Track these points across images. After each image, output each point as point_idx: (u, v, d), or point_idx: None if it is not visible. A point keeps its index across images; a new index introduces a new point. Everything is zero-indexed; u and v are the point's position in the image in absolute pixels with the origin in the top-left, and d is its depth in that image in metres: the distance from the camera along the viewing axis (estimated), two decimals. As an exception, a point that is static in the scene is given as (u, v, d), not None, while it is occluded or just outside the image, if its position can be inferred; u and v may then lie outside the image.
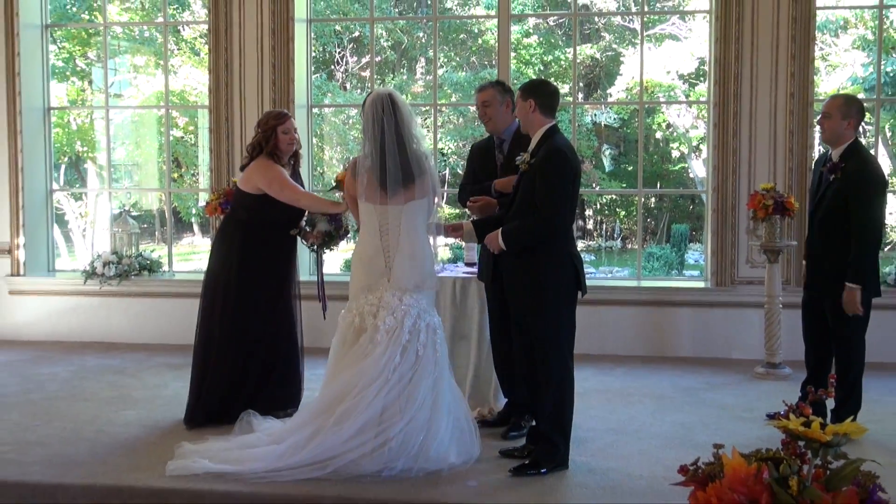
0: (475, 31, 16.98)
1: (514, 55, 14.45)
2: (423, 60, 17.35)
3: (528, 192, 3.99)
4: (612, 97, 16.54)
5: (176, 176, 15.85)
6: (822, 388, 2.83)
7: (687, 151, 16.88)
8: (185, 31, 15.15)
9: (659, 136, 17.26)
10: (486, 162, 4.87)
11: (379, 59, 16.48)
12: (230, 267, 4.78)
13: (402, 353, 4.01)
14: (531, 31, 16.63)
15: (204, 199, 7.19)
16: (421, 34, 16.63)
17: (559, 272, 3.99)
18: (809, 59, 6.49)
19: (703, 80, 14.76)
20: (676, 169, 17.53)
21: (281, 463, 3.87)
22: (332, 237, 5.04)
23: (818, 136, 5.10)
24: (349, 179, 4.23)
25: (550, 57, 16.51)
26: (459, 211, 12.53)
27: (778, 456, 2.38)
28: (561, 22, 16.55)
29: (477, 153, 5.01)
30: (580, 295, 4.10)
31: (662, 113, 16.46)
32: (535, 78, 10.58)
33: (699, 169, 16.22)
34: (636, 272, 8.23)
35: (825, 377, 4.55)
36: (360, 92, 16.66)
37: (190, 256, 15.98)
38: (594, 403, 5.23)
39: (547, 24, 16.86)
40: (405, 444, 3.88)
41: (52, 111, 7.71)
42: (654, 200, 18.37)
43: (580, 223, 18.48)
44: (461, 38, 17.22)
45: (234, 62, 7.00)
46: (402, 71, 17.57)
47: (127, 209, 9.86)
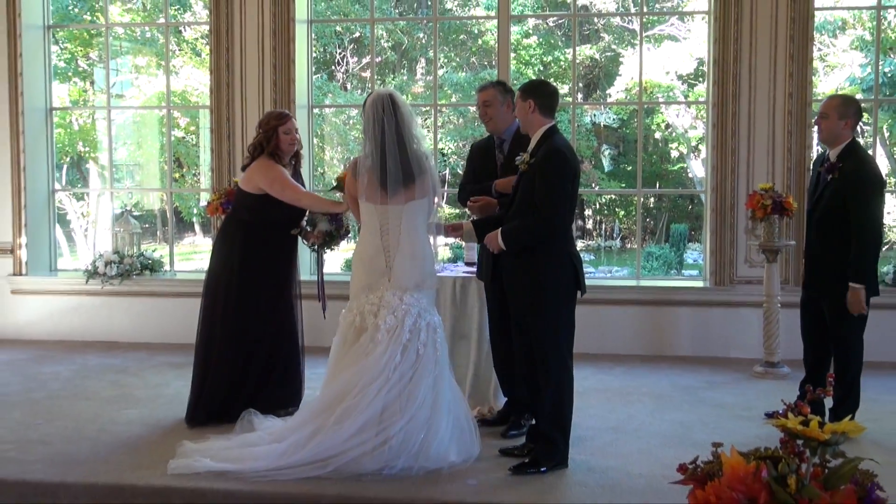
0: (475, 31, 16.99)
1: (513, 56, 14.47)
2: (423, 61, 17.35)
3: (527, 192, 3.99)
4: (611, 97, 16.55)
5: (177, 176, 15.86)
6: (820, 387, 2.83)
7: (686, 151, 16.89)
8: (186, 31, 15.15)
9: (658, 136, 17.26)
10: (486, 162, 4.85)
11: (379, 59, 16.48)
12: (231, 266, 4.78)
13: (402, 352, 4.00)
14: (531, 31, 16.63)
15: (205, 199, 7.21)
16: (421, 35, 16.63)
17: (558, 272, 4.00)
18: (808, 59, 6.51)
19: (701, 80, 14.76)
20: (675, 169, 17.53)
21: (282, 461, 3.87)
22: (332, 237, 5.04)
23: (816, 136, 5.11)
24: (350, 179, 4.23)
25: (550, 57, 16.51)
26: (459, 211, 12.53)
27: (776, 455, 2.38)
28: (560, 23, 16.55)
29: (477, 153, 4.98)
30: (579, 294, 4.10)
31: (661, 113, 16.46)
32: (534, 78, 10.59)
33: (698, 169, 16.23)
34: (635, 272, 8.23)
35: (823, 376, 4.55)
36: (360, 92, 16.66)
37: (191, 256, 15.96)
38: (593, 402, 5.23)
39: (546, 24, 16.86)
40: (406, 442, 3.88)
41: (54, 111, 7.71)
42: (653, 200, 18.37)
43: (579, 223, 18.48)
44: (461, 38, 17.22)
45: (235, 63, 7.00)
46: (402, 71, 17.57)
47: (128, 209, 9.85)
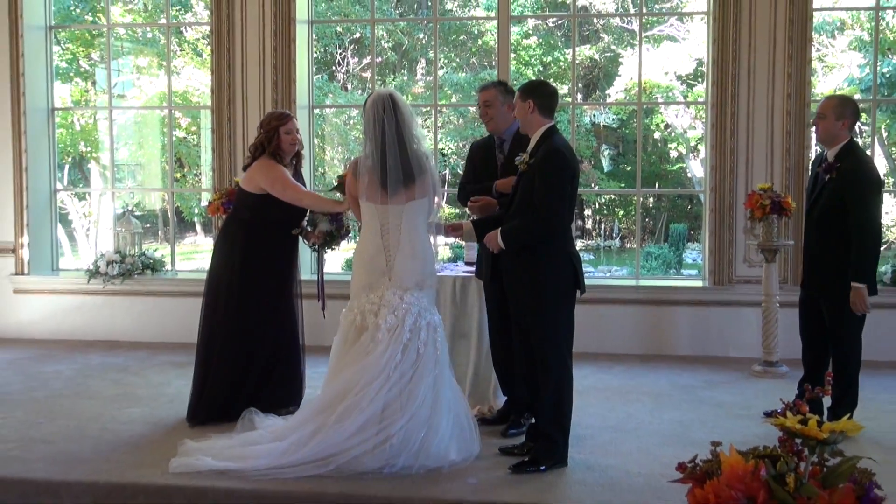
0: (475, 32, 17.01)
1: (513, 56, 14.49)
2: (423, 61, 17.36)
3: (527, 191, 3.99)
4: (610, 98, 16.58)
5: (178, 176, 15.88)
6: (818, 386, 2.84)
7: (685, 152, 16.91)
8: (187, 32, 15.17)
9: (657, 136, 17.28)
10: (486, 161, 4.84)
11: (380, 60, 16.50)
12: (232, 266, 4.78)
13: (403, 351, 4.01)
14: (531, 32, 16.65)
15: (206, 198, 7.22)
16: (421, 35, 16.65)
17: (558, 271, 4.00)
18: (806, 60, 6.52)
19: (700, 80, 14.79)
20: (674, 169, 17.55)
21: (283, 460, 3.87)
22: (333, 237, 5.04)
23: (815, 136, 5.12)
24: (350, 179, 4.23)
25: (550, 58, 16.53)
26: (459, 210, 12.56)
27: (775, 453, 2.39)
28: (560, 23, 16.57)
29: (477, 152, 4.97)
30: (579, 294, 4.10)
31: (661, 113, 16.47)
32: (534, 79, 10.63)
33: (697, 169, 16.25)
34: (635, 271, 8.25)
35: (822, 375, 4.56)
36: (360, 93, 16.68)
37: (192, 256, 15.98)
38: (593, 401, 5.24)
39: (546, 25, 16.88)
40: (406, 441, 3.89)
41: (55, 112, 7.74)
42: (652, 200, 18.40)
43: (579, 223, 18.51)
44: (461, 39, 17.24)
45: (236, 63, 7.02)
46: (402, 72, 17.58)
47: (130, 209, 9.84)
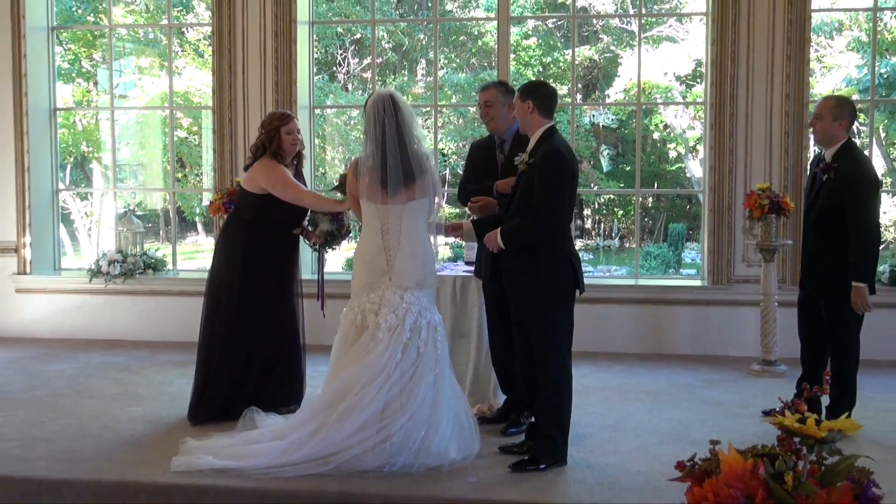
0: (475, 32, 17.03)
1: (513, 57, 14.51)
2: (423, 62, 17.38)
3: (526, 191, 4.00)
4: (610, 98, 16.60)
5: (180, 176, 15.89)
6: (817, 385, 2.85)
7: (684, 152, 16.93)
8: (189, 33, 15.19)
9: (656, 136, 17.30)
10: (486, 161, 4.84)
11: (380, 60, 16.51)
12: (234, 266, 4.78)
13: (403, 350, 4.01)
14: (530, 32, 16.67)
15: (207, 198, 7.24)
16: (422, 36, 16.67)
17: (557, 271, 4.01)
18: (805, 60, 6.54)
19: (699, 81, 14.80)
20: (673, 169, 17.57)
21: (284, 459, 3.88)
22: (333, 237, 5.06)
23: (812, 136, 5.14)
24: (351, 179, 4.24)
25: (549, 58, 16.55)
26: (459, 210, 12.57)
27: (774, 452, 2.39)
28: (560, 24, 16.58)
29: (477, 152, 4.97)
30: (578, 293, 4.11)
31: (660, 114, 16.48)
32: (533, 79, 10.65)
33: (696, 169, 16.27)
34: (634, 271, 8.27)
35: (820, 374, 4.59)
36: (361, 93, 16.69)
37: (194, 255, 15.98)
38: (592, 400, 5.25)
39: (546, 26, 16.90)
40: (406, 440, 3.90)
41: (57, 112, 7.76)
42: (651, 200, 18.42)
43: (578, 222, 18.53)
44: (461, 39, 17.26)
45: (237, 64, 7.03)
46: (402, 72, 17.60)
47: (132, 208, 9.87)
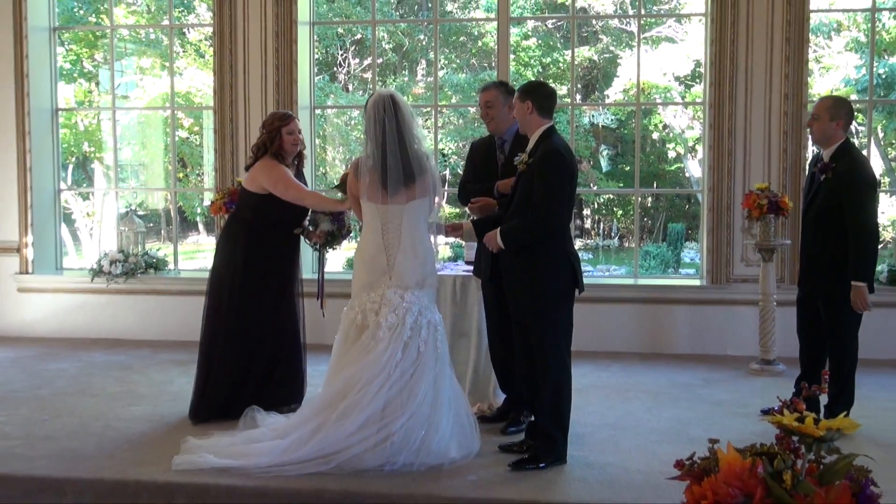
0: (475, 33, 17.05)
1: (513, 57, 14.51)
2: (423, 62, 17.39)
3: (525, 191, 4.01)
4: (609, 98, 16.62)
5: (181, 176, 15.91)
6: (815, 384, 2.87)
7: (683, 152, 16.95)
8: (190, 33, 15.21)
9: (655, 136, 17.32)
10: (486, 161, 4.85)
11: (380, 61, 16.53)
12: (235, 265, 4.79)
13: (403, 349, 4.02)
14: (530, 33, 16.68)
15: (209, 198, 7.26)
16: (422, 37, 16.68)
17: (557, 271, 4.02)
18: (803, 61, 6.55)
19: (698, 81, 14.81)
20: (673, 169, 17.59)
21: (285, 457, 3.89)
22: (334, 237, 5.07)
23: (810, 137, 5.16)
24: (352, 179, 4.24)
25: (549, 59, 16.57)
26: (459, 210, 12.59)
27: (772, 451, 2.39)
28: (559, 24, 16.60)
29: (477, 151, 4.97)
30: (578, 293, 4.12)
31: (659, 114, 16.50)
32: (533, 80, 10.64)
33: (695, 169, 16.29)
34: (633, 270, 8.28)
35: (819, 373, 4.60)
36: (361, 93, 16.71)
37: (195, 255, 15.97)
38: (592, 399, 5.26)
39: (545, 26, 16.91)
40: (407, 438, 3.91)
41: (59, 112, 7.78)
42: (650, 200, 18.44)
43: (578, 222, 18.55)
44: (461, 40, 17.27)
45: (238, 64, 7.05)
46: (403, 73, 17.62)
47: (133, 208, 9.93)
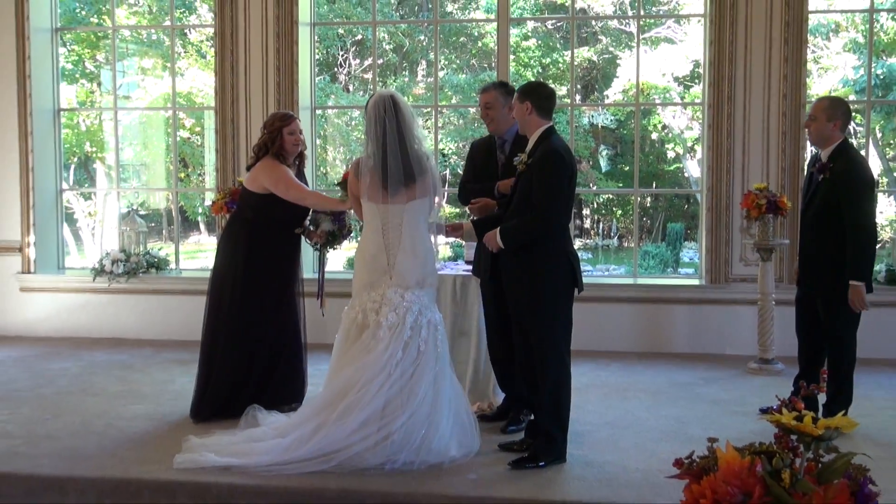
0: (475, 34, 17.07)
1: (513, 58, 14.52)
2: (424, 63, 17.42)
3: (525, 191, 4.03)
4: (608, 99, 16.65)
5: (183, 176, 15.94)
6: (814, 383, 2.89)
7: (682, 152, 16.97)
8: (191, 34, 15.23)
9: (655, 137, 17.34)
10: (486, 161, 4.85)
11: (381, 61, 16.54)
12: (236, 265, 4.81)
13: (403, 348, 4.04)
14: (530, 34, 16.70)
15: (210, 198, 7.27)
16: (422, 37, 16.69)
17: (557, 270, 4.03)
18: (802, 61, 6.57)
19: (697, 82, 14.84)
20: (672, 169, 17.60)
21: (286, 456, 3.90)
22: (335, 237, 5.09)
23: (808, 138, 5.18)
24: (352, 179, 4.25)
25: (548, 59, 16.59)
26: (460, 210, 12.61)
27: (771, 449, 2.41)
28: (559, 25, 16.62)
29: (477, 151, 4.98)
30: (577, 292, 4.14)
31: (658, 114, 16.51)
32: (532, 80, 10.66)
33: (694, 169, 16.30)
34: (632, 270, 8.29)
35: (817, 372, 4.60)
36: (362, 94, 16.73)
37: (196, 254, 15.98)
38: (591, 398, 5.27)
39: (545, 27, 16.93)
40: (407, 437, 3.92)
41: (61, 113, 7.79)
42: (649, 200, 18.45)
43: (577, 222, 18.56)
44: (461, 41, 17.29)
45: (239, 65, 7.07)
46: (403, 73, 17.64)
47: (135, 208, 9.95)
